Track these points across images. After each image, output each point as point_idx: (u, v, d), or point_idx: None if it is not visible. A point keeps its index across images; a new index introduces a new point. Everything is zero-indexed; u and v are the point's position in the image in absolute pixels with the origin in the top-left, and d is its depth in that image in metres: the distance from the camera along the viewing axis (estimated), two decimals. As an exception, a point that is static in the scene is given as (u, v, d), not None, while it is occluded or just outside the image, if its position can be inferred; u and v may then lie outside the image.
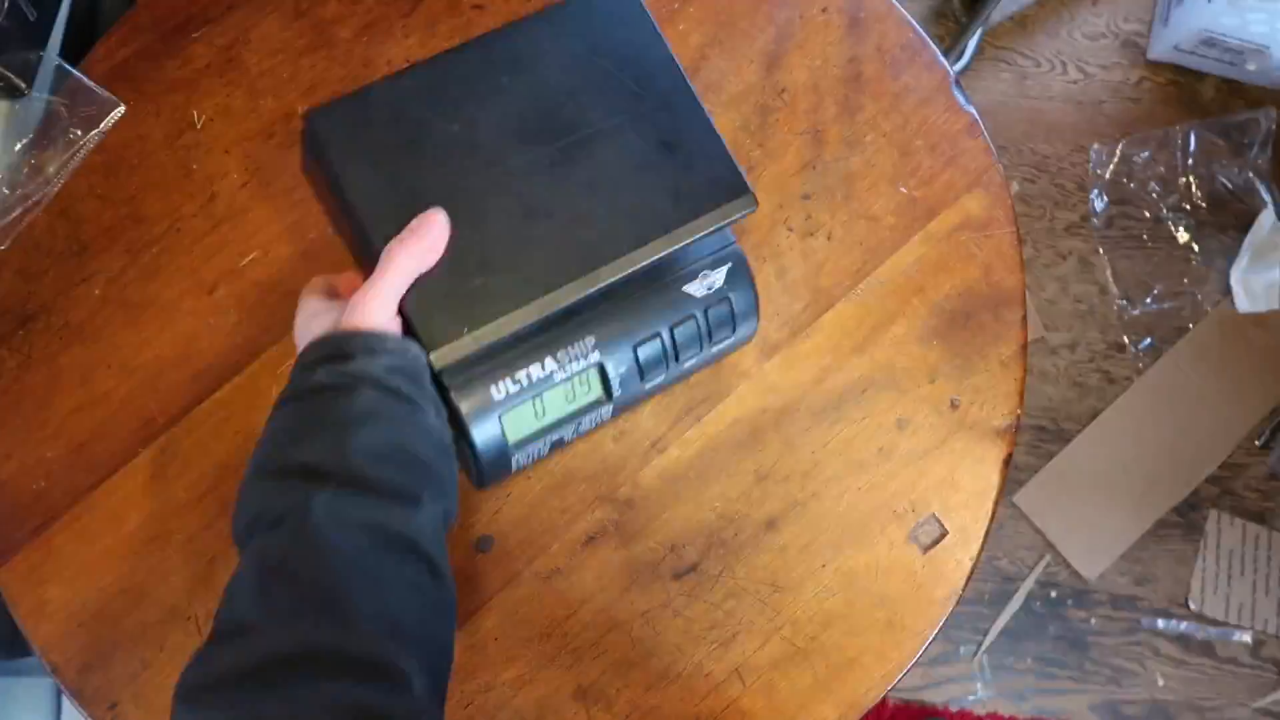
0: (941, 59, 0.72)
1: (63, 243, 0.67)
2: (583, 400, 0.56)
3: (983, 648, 1.28)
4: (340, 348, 0.48)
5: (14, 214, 0.66)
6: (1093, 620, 1.29)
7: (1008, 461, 0.67)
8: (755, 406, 0.66)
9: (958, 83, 0.72)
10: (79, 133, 0.68)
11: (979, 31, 1.38)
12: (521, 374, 0.54)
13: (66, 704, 0.97)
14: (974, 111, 0.72)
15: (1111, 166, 1.39)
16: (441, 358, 0.51)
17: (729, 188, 0.55)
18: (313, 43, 0.71)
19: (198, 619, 0.61)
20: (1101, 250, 1.38)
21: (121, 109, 0.69)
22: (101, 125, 0.68)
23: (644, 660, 0.62)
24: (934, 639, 0.64)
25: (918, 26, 0.72)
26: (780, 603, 0.63)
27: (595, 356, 0.55)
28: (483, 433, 0.54)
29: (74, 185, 0.68)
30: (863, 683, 0.62)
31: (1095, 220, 1.38)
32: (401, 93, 0.54)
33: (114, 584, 0.62)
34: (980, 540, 0.65)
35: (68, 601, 0.61)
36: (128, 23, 0.71)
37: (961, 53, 1.40)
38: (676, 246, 0.54)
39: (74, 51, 0.71)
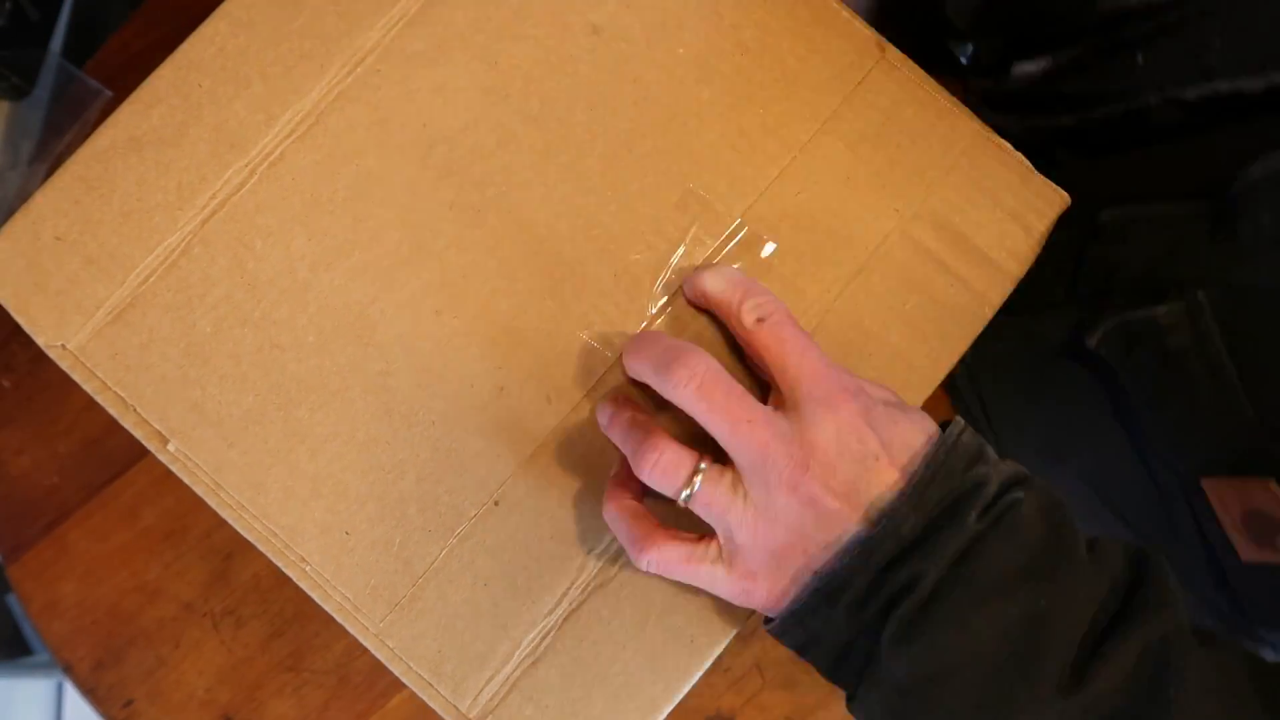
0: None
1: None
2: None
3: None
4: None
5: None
6: (1091, 618, 1.30)
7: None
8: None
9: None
10: (83, 134, 0.67)
11: (978, 32, 1.39)
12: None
13: (68, 704, 0.96)
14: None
15: (1110, 166, 1.39)
16: None
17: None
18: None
19: (214, 615, 0.61)
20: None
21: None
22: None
23: (664, 655, 0.61)
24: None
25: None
26: (799, 597, 0.63)
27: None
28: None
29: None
30: (881, 677, 0.62)
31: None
32: None
33: (128, 580, 0.61)
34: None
35: (81, 598, 0.61)
36: (144, 13, 0.70)
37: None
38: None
39: (77, 52, 0.70)
